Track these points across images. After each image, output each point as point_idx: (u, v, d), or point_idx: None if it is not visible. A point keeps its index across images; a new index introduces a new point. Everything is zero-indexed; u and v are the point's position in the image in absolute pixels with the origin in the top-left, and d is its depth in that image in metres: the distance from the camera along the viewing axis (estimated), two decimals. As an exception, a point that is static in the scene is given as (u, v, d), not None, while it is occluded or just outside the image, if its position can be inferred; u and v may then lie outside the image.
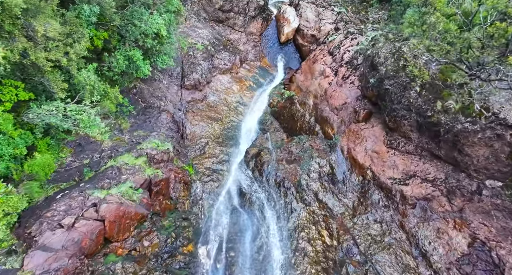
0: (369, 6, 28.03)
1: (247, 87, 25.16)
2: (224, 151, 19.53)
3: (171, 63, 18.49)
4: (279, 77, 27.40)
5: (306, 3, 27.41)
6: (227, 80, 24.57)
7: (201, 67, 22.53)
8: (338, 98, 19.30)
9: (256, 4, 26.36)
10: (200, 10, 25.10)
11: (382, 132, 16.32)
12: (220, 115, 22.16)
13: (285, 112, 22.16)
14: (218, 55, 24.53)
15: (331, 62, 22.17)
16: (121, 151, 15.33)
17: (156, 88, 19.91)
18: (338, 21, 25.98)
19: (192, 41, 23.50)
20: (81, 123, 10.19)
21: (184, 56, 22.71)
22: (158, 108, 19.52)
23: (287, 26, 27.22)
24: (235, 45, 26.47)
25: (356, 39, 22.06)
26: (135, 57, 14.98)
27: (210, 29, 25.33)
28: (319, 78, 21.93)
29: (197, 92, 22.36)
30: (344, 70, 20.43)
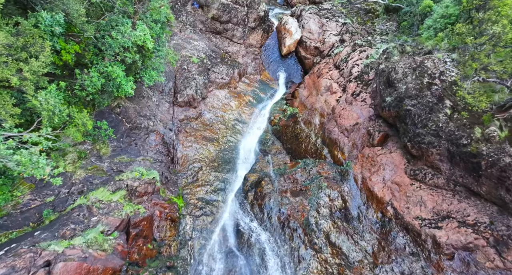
0: (375, 17, 25.64)
1: (246, 103, 22.52)
2: (220, 177, 16.70)
3: (161, 79, 15.87)
4: (280, 91, 24.80)
5: (309, 13, 25.03)
6: (224, 96, 21.94)
7: (196, 82, 19.92)
8: (348, 118, 16.58)
9: (256, 14, 23.96)
10: (196, 21, 22.67)
11: (402, 160, 13.53)
12: (216, 135, 19.43)
13: (288, 132, 19.42)
14: (215, 68, 21.97)
15: (338, 76, 19.56)
16: (96, 183, 12.54)
17: (144, 106, 17.23)
18: (344, 33, 23.52)
19: (186, 54, 20.97)
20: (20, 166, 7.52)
21: (177, 70, 20.13)
22: (146, 128, 16.80)
23: (288, 38, 24.77)
24: (234, 57, 23.96)
25: (365, 52, 19.51)
26: (114, 74, 12.33)
27: (207, 41, 22.84)
28: (325, 94, 19.28)
29: (191, 109, 19.68)
30: (354, 86, 17.77)
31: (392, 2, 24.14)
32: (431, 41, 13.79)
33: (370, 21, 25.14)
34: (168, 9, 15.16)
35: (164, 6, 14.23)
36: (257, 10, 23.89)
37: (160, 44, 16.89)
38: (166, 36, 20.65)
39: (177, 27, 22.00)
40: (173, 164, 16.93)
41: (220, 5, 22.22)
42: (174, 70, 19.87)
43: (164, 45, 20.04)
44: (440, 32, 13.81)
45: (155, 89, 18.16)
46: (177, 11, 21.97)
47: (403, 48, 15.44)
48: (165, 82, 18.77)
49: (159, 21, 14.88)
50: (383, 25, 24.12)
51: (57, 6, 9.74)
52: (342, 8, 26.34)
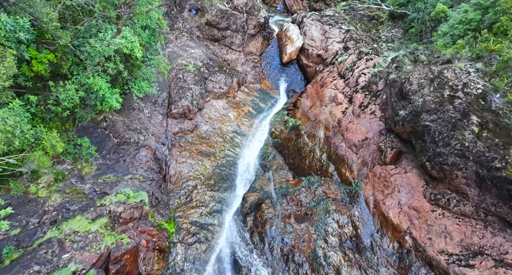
0: (379, 23, 24.13)
1: (246, 114, 20.84)
2: (216, 197, 14.91)
3: (152, 91, 14.18)
4: (281, 101, 23.16)
5: (310, 20, 23.52)
6: (222, 106, 20.27)
7: (192, 92, 18.26)
8: (356, 132, 14.86)
9: (255, 21, 22.44)
10: (193, 28, 21.13)
11: (420, 181, 11.77)
12: (213, 149, 17.69)
13: (290, 146, 17.68)
14: (213, 77, 20.34)
15: (344, 86, 17.91)
16: (74, 209, 10.76)
17: (135, 119, 15.52)
18: (347, 40, 21.96)
19: (182, 62, 19.36)
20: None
21: (172, 80, 18.49)
22: (136, 143, 15.06)
23: (290, 45, 23.22)
24: (233, 66, 22.36)
25: (372, 60, 17.90)
26: (95, 86, 10.65)
27: (204, 48, 21.27)
28: (330, 105, 17.60)
29: (186, 121, 17.98)
30: (361, 97, 16.09)
31: (397, 8, 22.65)
32: (449, 49, 12.19)
33: (375, 28, 23.61)
34: (160, 14, 13.56)
35: (155, 11, 12.62)
36: (257, 17, 22.38)
37: (152, 53, 15.27)
38: (160, 44, 19.09)
39: (173, 34, 20.45)
40: (165, 182, 15.15)
41: (218, 11, 20.70)
42: (168, 80, 18.23)
43: (158, 53, 18.43)
44: (459, 39, 12.21)
45: (147, 101, 16.47)
46: (173, 17, 20.44)
47: (416, 56, 13.81)
48: (159, 92, 17.11)
49: (150, 28, 13.26)
50: (388, 32, 22.58)
51: (23, 9, 8.11)
52: (345, 14, 24.85)
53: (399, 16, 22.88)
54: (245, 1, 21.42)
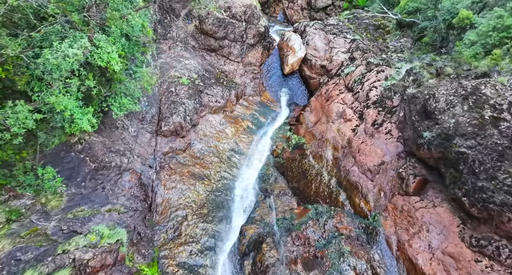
0: (386, 33, 22.06)
1: (245, 130, 18.52)
2: (210, 229, 12.47)
3: (135, 108, 11.87)
4: (283, 115, 20.89)
5: (313, 29, 21.44)
6: (219, 121, 17.97)
7: (185, 107, 15.98)
8: (371, 154, 12.51)
9: (255, 30, 20.35)
10: (188, 37, 19.00)
11: (454, 219, 9.37)
12: (207, 170, 15.31)
13: (294, 167, 15.31)
14: (209, 90, 18.11)
15: (352, 101, 15.64)
16: (27, 259, 8.35)
17: (118, 139, 13.20)
18: (354, 50, 19.83)
19: (175, 74, 17.16)
20: None
21: (163, 93, 16.24)
22: (118, 167, 12.70)
23: (291, 56, 21.09)
24: (231, 77, 20.16)
25: (383, 72, 15.68)
26: (59, 106, 8.39)
27: (200, 59, 19.10)
28: (338, 122, 15.30)
29: (178, 139, 15.66)
30: (374, 114, 13.80)
31: (405, 17, 20.58)
32: (484, 60, 10.00)
33: (381, 37, 21.52)
34: (144, 21, 11.38)
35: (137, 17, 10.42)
36: (257, 26, 20.30)
37: (138, 64, 13.06)
38: (152, 55, 16.93)
39: (166, 44, 18.30)
40: (151, 212, 12.72)
41: (215, 19, 18.61)
42: (159, 93, 15.98)
43: (149, 65, 16.24)
44: (494, 48, 10.04)
45: (133, 118, 14.17)
46: (166, 26, 18.33)
47: (439, 69, 11.57)
48: (147, 108, 14.83)
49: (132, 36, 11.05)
50: (397, 41, 20.46)
51: None
52: (349, 23, 22.81)
53: (407, 25, 20.80)
54: (244, 9, 19.37)
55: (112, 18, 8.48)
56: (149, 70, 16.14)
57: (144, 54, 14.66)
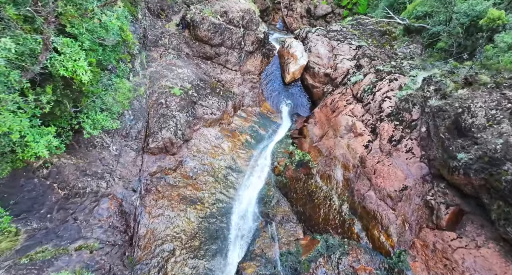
0: (392, 39, 20.20)
1: (243, 144, 16.42)
2: (201, 268, 10.24)
3: (113, 125, 9.76)
4: (284, 126, 18.84)
5: (316, 35, 19.58)
6: (214, 136, 15.89)
7: (176, 121, 13.92)
8: (390, 176, 10.40)
9: (254, 37, 18.47)
10: (181, 44, 17.07)
11: (508, 266, 7.21)
12: (200, 192, 13.15)
13: (299, 188, 13.17)
14: (204, 101, 16.09)
15: (363, 113, 13.60)
16: None
17: (95, 159, 11.07)
18: (360, 57, 17.90)
19: (166, 84, 15.17)
20: None
21: (152, 106, 14.20)
22: (95, 193, 10.54)
23: (293, 64, 19.17)
24: (228, 87, 18.17)
25: (396, 80, 13.69)
26: (2, 128, 6.35)
27: (194, 67, 17.14)
28: (347, 136, 13.22)
29: (167, 157, 13.55)
30: (390, 128, 11.73)
31: (413, 22, 18.75)
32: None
33: (388, 43, 19.65)
34: (124, 23, 9.41)
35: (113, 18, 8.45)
36: (256, 32, 18.43)
37: (120, 74, 11.05)
38: (140, 63, 14.99)
39: (157, 52, 16.35)
40: (132, 246, 10.50)
41: (210, 25, 16.72)
42: (147, 106, 13.93)
43: (137, 74, 14.31)
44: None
45: (115, 134, 12.06)
46: (157, 32, 16.42)
47: (472, 77, 9.56)
48: (132, 123, 12.75)
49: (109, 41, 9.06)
50: (405, 48, 18.57)
51: None
52: (353, 29, 20.99)
53: (416, 30, 18.94)
54: (241, 15, 17.51)
55: (69, 15, 6.47)
56: (137, 80, 14.17)
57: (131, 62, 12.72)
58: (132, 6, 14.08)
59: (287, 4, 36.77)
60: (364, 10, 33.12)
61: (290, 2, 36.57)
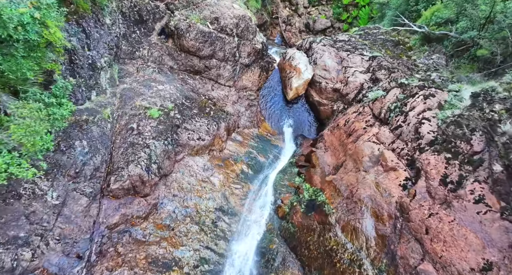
0: (408, 49, 16.88)
1: (238, 176, 12.59)
2: None
3: (27, 174, 6.01)
4: (287, 151, 15.10)
5: (321, 46, 16.23)
6: (202, 166, 12.09)
7: (150, 152, 10.19)
8: (456, 242, 6.55)
9: (250, 47, 15.08)
10: (163, 56, 13.61)
11: None
12: (179, 249, 9.16)
13: (311, 242, 9.21)
14: (189, 124, 12.42)
15: (392, 139, 9.88)
16: None
17: (16, 218, 7.20)
18: (376, 69, 14.43)
19: (142, 103, 11.55)
20: None
21: (119, 132, 10.49)
22: (10, 271, 6.65)
23: (296, 78, 15.69)
24: (220, 106, 14.56)
25: (433, 97, 10.07)
26: None
27: (179, 83, 13.59)
28: (374, 170, 9.44)
29: (137, 201, 9.68)
30: (440, 164, 7.94)
31: (434, 29, 15.47)
32: None
33: (404, 54, 16.28)
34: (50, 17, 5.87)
35: (22, 3, 4.92)
36: (252, 42, 15.06)
37: (58, 93, 7.41)
38: (109, 79, 11.44)
39: (133, 65, 12.84)
40: None
41: (198, 33, 13.34)
42: (111, 133, 10.20)
43: (103, 93, 10.79)
44: None
45: (57, 174, 8.23)
46: (134, 42, 12.97)
47: None
48: (87, 157, 8.96)
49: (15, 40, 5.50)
50: (427, 58, 15.16)
51: None
52: (362, 40, 17.72)
53: (436, 39, 15.63)
54: (235, 22, 14.19)
55: None
56: (102, 100, 10.52)
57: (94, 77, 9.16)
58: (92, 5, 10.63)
59: (285, 19, 34.07)
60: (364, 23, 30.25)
61: (288, 17, 33.91)
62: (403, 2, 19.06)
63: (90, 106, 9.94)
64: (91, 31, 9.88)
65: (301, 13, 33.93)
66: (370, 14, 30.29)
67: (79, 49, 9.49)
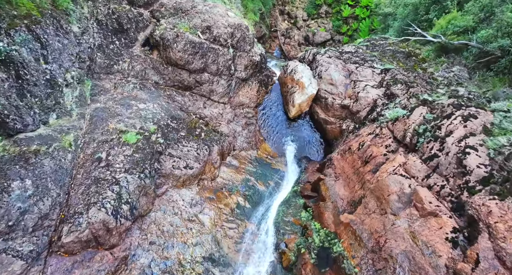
0: (421, 61, 14.81)
1: (233, 212, 10.11)
2: None
3: None
4: (290, 176, 12.66)
5: (326, 57, 14.13)
6: (189, 200, 9.64)
7: (120, 189, 7.78)
8: None
9: (247, 60, 12.98)
10: (147, 70, 11.44)
11: None
12: (151, 326, 6.59)
13: (329, 314, 6.65)
14: (175, 149, 10.07)
15: (426, 172, 7.52)
16: None
17: None
18: (390, 84, 12.25)
19: (117, 126, 9.26)
20: None
21: (82, 164, 8.13)
22: None
23: (299, 93, 13.50)
24: (213, 125, 12.28)
25: (475, 118, 7.80)
26: None
27: (165, 101, 11.35)
28: (406, 214, 7.02)
29: (99, 255, 7.18)
30: (510, 216, 5.55)
31: (452, 39, 13.43)
32: None
33: (418, 66, 14.18)
34: None
35: None
36: (249, 53, 12.96)
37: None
38: (78, 97, 9.23)
39: (110, 81, 10.62)
40: None
41: (187, 44, 11.23)
42: (72, 165, 7.83)
43: (67, 115, 8.65)
44: None
45: (-20, 232, 5.81)
46: (113, 54, 10.82)
47: None
48: (28, 203, 6.52)
49: None
50: (446, 71, 13.03)
51: None
52: (370, 51, 15.70)
53: (455, 49, 13.58)
54: (230, 31, 12.12)
55: None
56: (64, 123, 8.25)
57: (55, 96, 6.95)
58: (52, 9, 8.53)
59: (284, 32, 32.50)
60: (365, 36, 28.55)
61: (287, 30, 32.35)
62: (410, 11, 17.19)
63: (45, 133, 7.61)
64: (48, 40, 7.69)
65: (300, 26, 32.40)
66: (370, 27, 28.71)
67: (31, 61, 7.28)
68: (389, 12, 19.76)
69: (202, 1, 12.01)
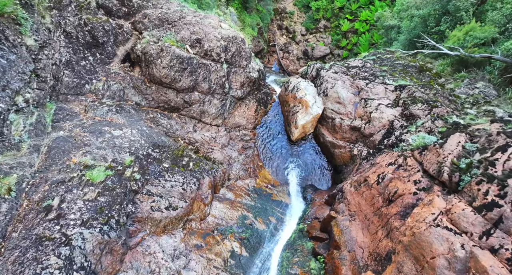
0: (436, 76, 12.95)
1: (225, 264, 7.84)
2: None
3: None
4: (294, 209, 10.44)
5: (332, 73, 12.27)
6: (171, 252, 7.41)
7: (71, 251, 5.62)
8: None
9: (243, 76, 11.09)
10: (126, 89, 9.50)
11: None
12: None
13: None
14: (155, 185, 7.94)
15: (483, 225, 5.37)
16: None
17: None
18: (408, 103, 10.28)
19: (81, 160, 7.19)
20: None
21: (23, 217, 6.02)
22: None
23: (303, 113, 11.52)
24: (205, 152, 10.20)
25: (538, 152, 5.81)
26: None
27: (148, 125, 9.33)
28: (465, 293, 4.85)
29: None
30: None
31: (472, 51, 11.61)
32: None
33: (435, 82, 12.28)
34: None
35: None
36: (246, 69, 11.07)
37: None
38: (33, 125, 7.18)
39: (80, 103, 8.61)
40: None
41: (174, 59, 9.34)
42: (7, 219, 5.67)
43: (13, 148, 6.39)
44: None
45: None
46: (86, 72, 8.88)
47: None
48: None
49: None
50: (469, 87, 11.10)
51: None
52: (379, 65, 13.88)
53: (476, 63, 11.74)
54: (223, 44, 10.27)
55: None
56: (7, 160, 6.17)
57: None
58: None
59: (282, 47, 31.16)
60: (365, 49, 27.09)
61: (285, 44, 31.01)
62: (418, 23, 15.53)
63: (-27, 177, 5.48)
64: None
65: (299, 41, 31.06)
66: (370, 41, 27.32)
67: (-45, 84, 5.25)
68: (393, 25, 18.19)
69: (192, 12, 10.25)
